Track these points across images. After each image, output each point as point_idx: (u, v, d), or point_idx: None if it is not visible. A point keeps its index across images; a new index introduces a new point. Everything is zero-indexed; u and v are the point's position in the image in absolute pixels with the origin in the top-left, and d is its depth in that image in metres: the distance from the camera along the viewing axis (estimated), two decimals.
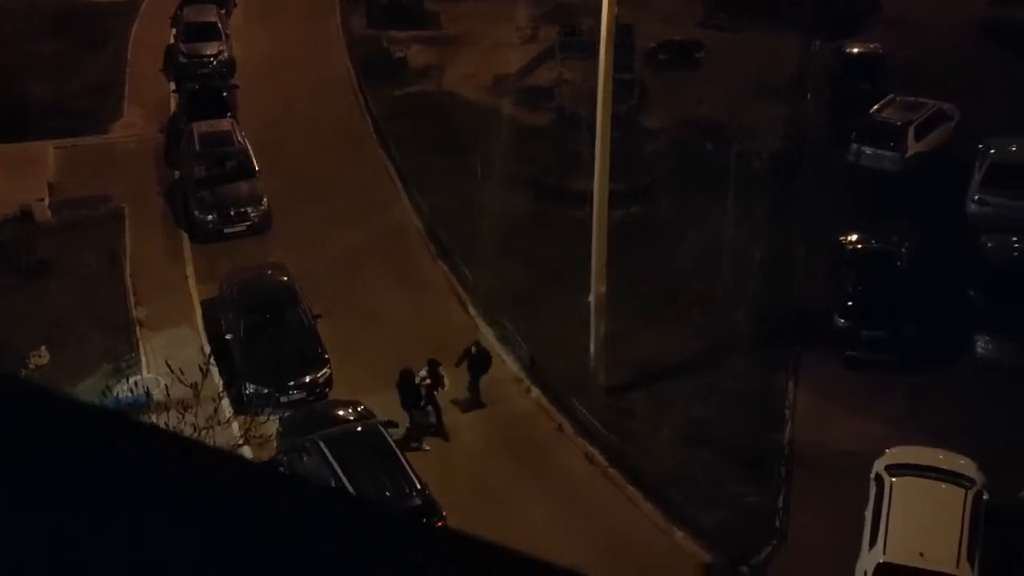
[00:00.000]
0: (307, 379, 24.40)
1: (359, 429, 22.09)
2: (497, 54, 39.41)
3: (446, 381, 23.49)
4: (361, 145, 34.70)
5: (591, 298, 23.59)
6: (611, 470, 22.64)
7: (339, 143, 34.58)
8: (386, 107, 36.46)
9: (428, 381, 23.33)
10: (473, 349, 24.12)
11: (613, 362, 24.29)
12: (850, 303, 25.38)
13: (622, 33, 27.51)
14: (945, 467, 20.52)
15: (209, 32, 39.21)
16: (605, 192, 22.88)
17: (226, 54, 38.87)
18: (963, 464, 20.65)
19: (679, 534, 21.19)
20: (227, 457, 2.62)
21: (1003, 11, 39.00)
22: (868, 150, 31.19)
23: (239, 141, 32.38)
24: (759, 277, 27.56)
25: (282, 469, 21.83)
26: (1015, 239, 27.24)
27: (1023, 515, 19.98)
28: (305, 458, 21.57)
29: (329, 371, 24.57)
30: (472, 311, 27.24)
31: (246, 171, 31.40)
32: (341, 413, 22.85)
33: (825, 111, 34.59)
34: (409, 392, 23.35)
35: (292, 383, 24.27)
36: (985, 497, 19.98)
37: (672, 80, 37.00)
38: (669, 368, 24.91)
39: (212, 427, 17.58)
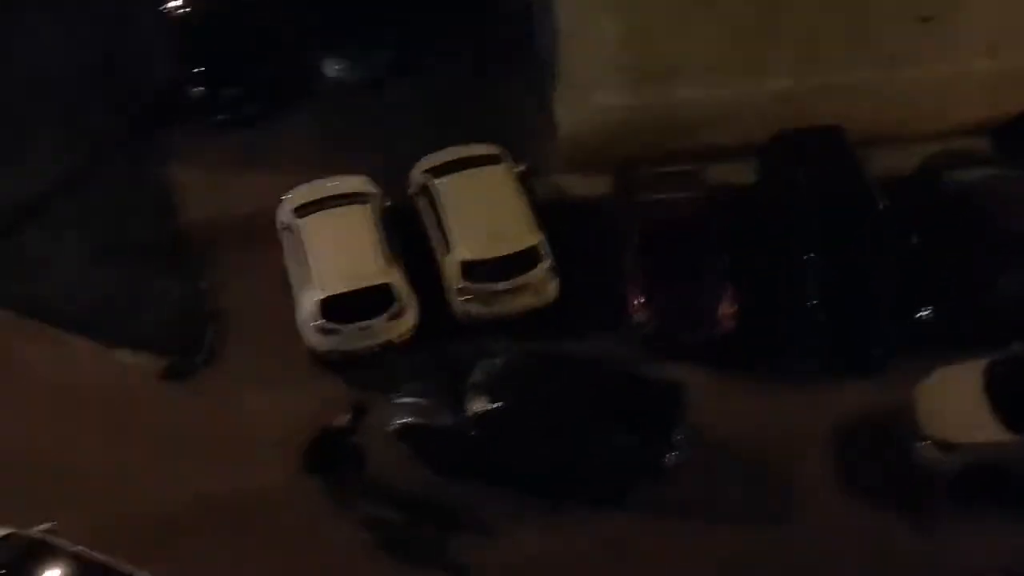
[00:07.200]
0: None
1: None
2: None
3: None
4: None
5: None
6: None
7: None
8: None
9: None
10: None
11: None
12: (196, 70, 24.53)
13: None
14: (343, 191, 21.49)
15: None
16: None
17: None
18: (357, 183, 21.77)
19: (122, 353, 20.74)
20: None
21: None
22: None
23: None
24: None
25: None
26: None
27: (420, 213, 21.48)
28: None
29: None
30: None
31: None
32: None
33: None
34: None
35: None
36: (387, 203, 21.49)
37: None
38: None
39: None
